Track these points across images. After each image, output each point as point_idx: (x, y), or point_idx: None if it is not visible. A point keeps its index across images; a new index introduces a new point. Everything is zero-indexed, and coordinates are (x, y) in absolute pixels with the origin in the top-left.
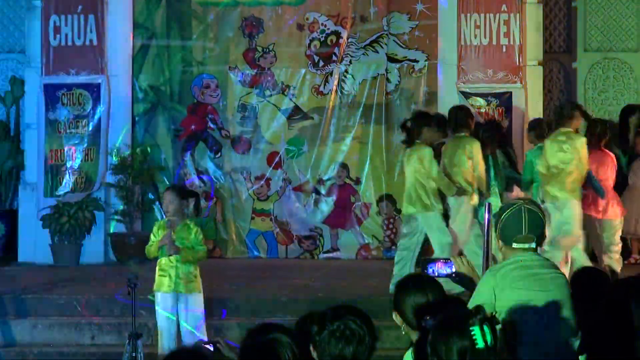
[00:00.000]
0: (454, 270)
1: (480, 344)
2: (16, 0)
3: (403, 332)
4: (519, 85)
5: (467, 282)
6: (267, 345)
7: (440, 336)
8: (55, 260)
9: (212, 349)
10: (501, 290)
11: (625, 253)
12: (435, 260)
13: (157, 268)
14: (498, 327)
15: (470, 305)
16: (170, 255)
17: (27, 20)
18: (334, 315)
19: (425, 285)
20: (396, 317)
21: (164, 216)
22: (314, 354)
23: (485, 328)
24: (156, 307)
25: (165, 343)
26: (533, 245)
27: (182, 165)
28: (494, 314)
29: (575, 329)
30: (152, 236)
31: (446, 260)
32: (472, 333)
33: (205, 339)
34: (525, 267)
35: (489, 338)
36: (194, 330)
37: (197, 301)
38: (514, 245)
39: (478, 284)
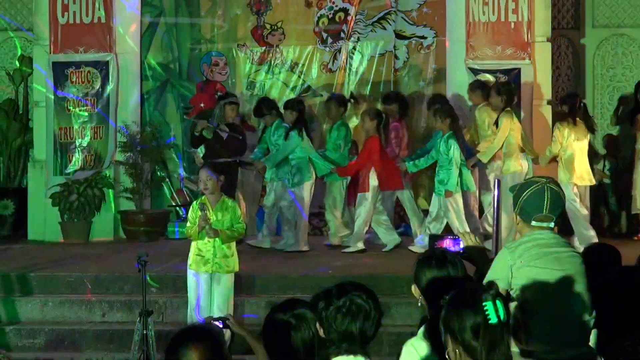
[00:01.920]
0: (462, 246)
1: (493, 319)
2: None
3: (419, 304)
4: (528, 61)
5: (477, 259)
6: (291, 321)
7: (453, 312)
8: (64, 238)
9: (221, 325)
10: (517, 268)
11: (634, 229)
12: (443, 237)
13: (194, 245)
14: (514, 304)
15: (486, 282)
16: (210, 237)
17: None
18: (340, 291)
19: (447, 262)
20: (415, 290)
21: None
22: (321, 331)
23: (498, 303)
24: (190, 284)
25: (195, 319)
26: (551, 224)
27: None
28: (508, 291)
29: (590, 306)
30: (189, 217)
31: (454, 237)
32: (485, 309)
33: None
34: (543, 245)
35: (501, 313)
36: (222, 307)
37: (229, 279)
38: (533, 223)
39: (494, 260)
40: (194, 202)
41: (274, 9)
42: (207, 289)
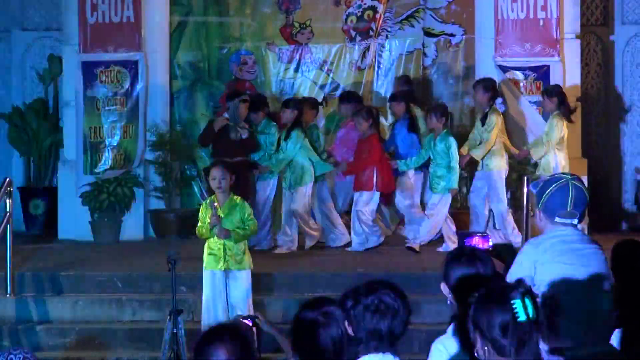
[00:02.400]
0: (491, 243)
1: (522, 317)
2: None
3: (448, 303)
4: (557, 58)
5: (507, 256)
6: (319, 319)
7: (482, 310)
8: (95, 237)
9: (250, 323)
10: (542, 264)
11: None
12: (472, 235)
13: (206, 244)
14: (537, 300)
15: (509, 277)
16: (221, 239)
17: None
18: (368, 289)
19: (477, 259)
20: (444, 288)
21: (205, 194)
22: (349, 329)
23: (527, 301)
24: (204, 284)
25: (210, 319)
26: (575, 221)
27: None
28: (531, 287)
29: (614, 304)
30: (199, 217)
31: (484, 234)
32: (514, 306)
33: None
34: (567, 241)
35: (530, 311)
36: (241, 305)
37: (245, 277)
38: (557, 220)
39: (517, 256)
40: (204, 202)
41: (302, 8)
42: (222, 287)
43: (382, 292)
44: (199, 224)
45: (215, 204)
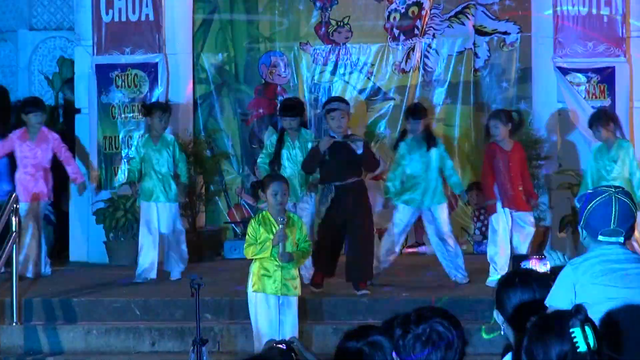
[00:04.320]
0: (549, 267)
1: (582, 347)
2: None
3: (502, 333)
4: (623, 59)
5: None
6: (365, 349)
7: (537, 340)
8: (110, 259)
9: (284, 348)
10: (582, 286)
11: None
12: (528, 257)
13: (257, 266)
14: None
15: (548, 302)
16: (284, 261)
17: None
18: (419, 317)
19: (533, 282)
20: (497, 316)
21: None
22: None
23: (587, 330)
24: (255, 309)
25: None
26: (621, 239)
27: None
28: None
29: None
30: (249, 232)
31: (541, 257)
32: (573, 335)
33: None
34: (609, 261)
35: (591, 341)
36: (292, 332)
37: (295, 304)
38: (600, 238)
39: (557, 278)
40: (253, 218)
41: (340, 4)
42: (275, 313)
43: (435, 321)
44: (249, 241)
45: (284, 219)
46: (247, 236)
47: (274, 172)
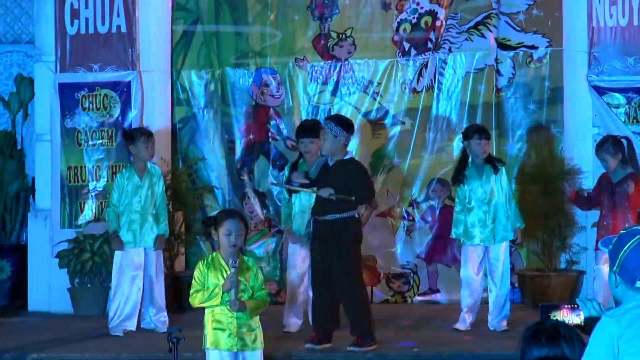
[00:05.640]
0: (583, 318)
1: None
2: None
3: None
4: None
5: None
6: None
7: None
8: (75, 309)
9: None
10: (627, 342)
11: None
12: (559, 306)
13: (209, 318)
14: None
15: None
16: (234, 310)
17: (36, 2)
18: None
19: (561, 338)
20: None
21: (213, 248)
22: None
23: None
24: None
25: None
26: None
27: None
28: None
29: None
30: (196, 276)
31: (573, 307)
32: None
33: None
34: None
35: None
36: None
37: (258, 358)
38: (639, 284)
39: (593, 332)
40: (201, 261)
41: (341, 13)
42: None
43: None
44: (195, 287)
45: (237, 262)
46: (193, 281)
47: (230, 209)
